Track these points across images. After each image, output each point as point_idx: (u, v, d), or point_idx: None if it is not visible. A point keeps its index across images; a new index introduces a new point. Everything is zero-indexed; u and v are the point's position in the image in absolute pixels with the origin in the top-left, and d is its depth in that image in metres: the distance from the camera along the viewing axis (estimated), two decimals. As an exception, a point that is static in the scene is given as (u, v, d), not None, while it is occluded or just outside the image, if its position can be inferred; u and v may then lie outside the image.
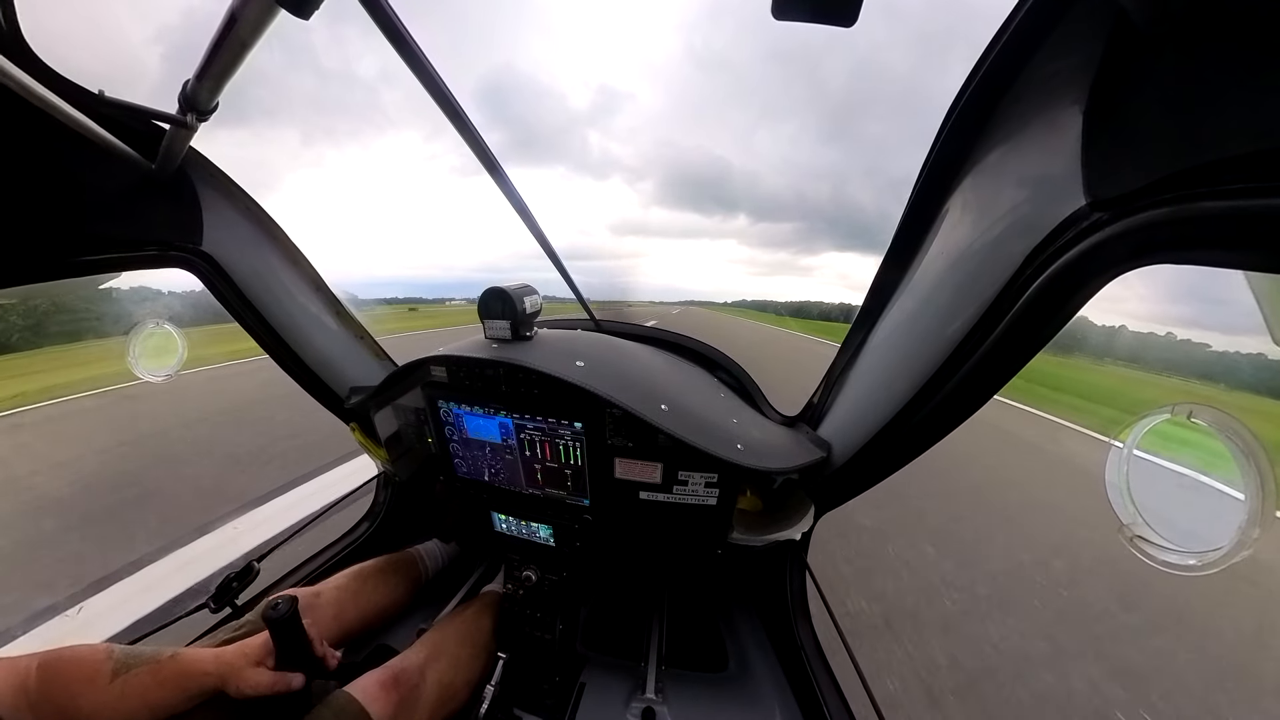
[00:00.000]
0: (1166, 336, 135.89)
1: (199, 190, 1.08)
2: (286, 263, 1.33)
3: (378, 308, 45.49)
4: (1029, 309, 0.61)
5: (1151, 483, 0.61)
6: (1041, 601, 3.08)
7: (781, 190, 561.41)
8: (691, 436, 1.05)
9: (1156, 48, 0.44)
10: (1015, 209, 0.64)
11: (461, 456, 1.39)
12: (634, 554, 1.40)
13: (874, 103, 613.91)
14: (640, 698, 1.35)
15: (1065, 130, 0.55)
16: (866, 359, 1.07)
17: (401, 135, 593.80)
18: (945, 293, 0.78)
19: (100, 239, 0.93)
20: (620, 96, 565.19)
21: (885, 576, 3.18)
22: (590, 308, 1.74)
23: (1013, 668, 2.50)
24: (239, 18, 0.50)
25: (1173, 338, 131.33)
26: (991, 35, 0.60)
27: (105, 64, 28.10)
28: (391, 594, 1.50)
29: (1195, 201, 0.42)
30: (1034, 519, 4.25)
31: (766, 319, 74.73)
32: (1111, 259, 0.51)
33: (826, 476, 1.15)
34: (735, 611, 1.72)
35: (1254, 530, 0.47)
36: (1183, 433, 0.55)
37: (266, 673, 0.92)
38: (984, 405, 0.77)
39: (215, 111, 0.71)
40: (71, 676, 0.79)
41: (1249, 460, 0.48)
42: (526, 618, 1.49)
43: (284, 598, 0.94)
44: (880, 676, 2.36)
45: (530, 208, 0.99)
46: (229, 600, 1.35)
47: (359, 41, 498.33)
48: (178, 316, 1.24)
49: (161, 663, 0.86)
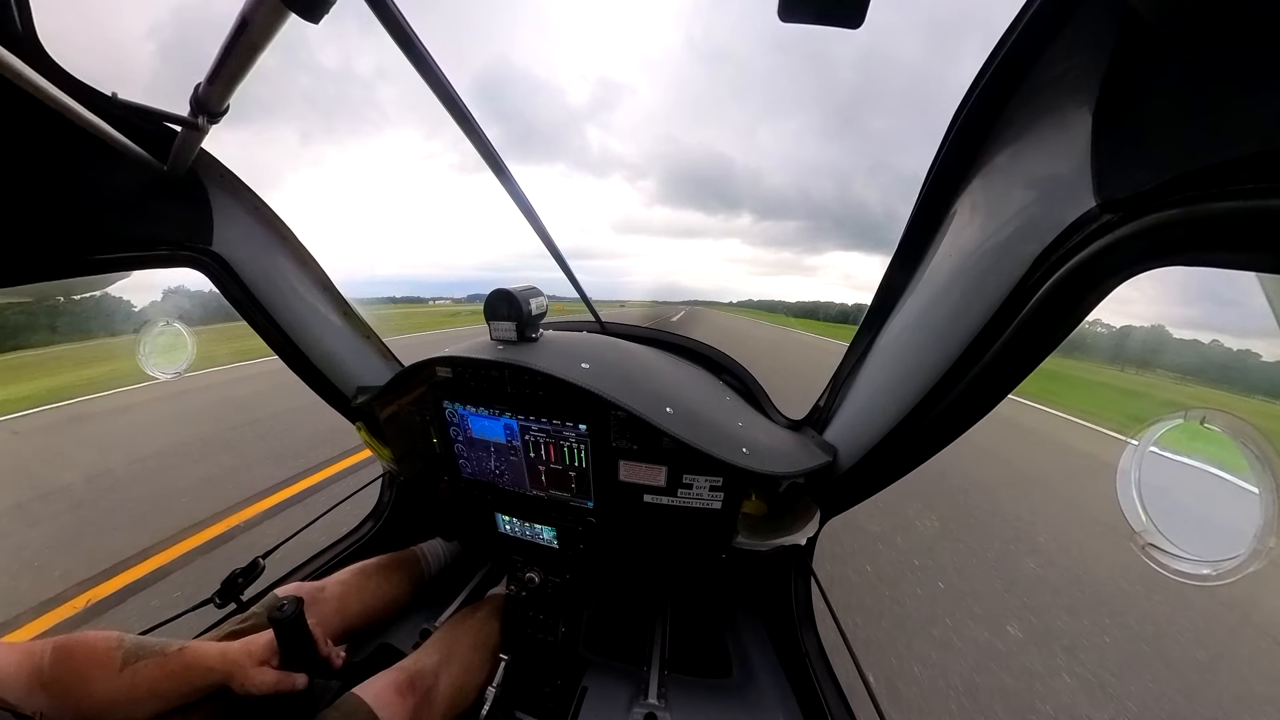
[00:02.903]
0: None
1: (209, 191, 1.09)
2: (295, 263, 1.35)
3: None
4: (1039, 311, 0.60)
5: (1164, 491, 0.59)
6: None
7: (785, 187, 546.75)
8: (696, 440, 1.05)
9: (1167, 46, 0.43)
10: (1024, 210, 0.63)
11: (466, 457, 1.39)
12: (637, 557, 1.40)
13: (881, 96, 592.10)
14: (642, 703, 1.34)
15: (1075, 130, 0.55)
16: (873, 362, 1.06)
17: (400, 133, 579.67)
18: (953, 295, 0.77)
19: (113, 238, 0.95)
20: (619, 91, 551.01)
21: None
22: (595, 309, 1.75)
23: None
24: (250, 22, 0.51)
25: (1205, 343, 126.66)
26: (1003, 26, 0.59)
27: (119, 67, 28.71)
28: (393, 591, 1.51)
29: (1207, 202, 0.41)
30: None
31: (775, 319, 73.95)
32: (1122, 261, 0.50)
33: (832, 481, 1.14)
34: (739, 617, 1.70)
35: (1270, 539, 0.45)
36: (1197, 439, 0.54)
37: (271, 672, 0.93)
38: (993, 409, 0.76)
39: (226, 114, 0.72)
40: (84, 662, 0.81)
41: (1265, 467, 0.47)
42: (529, 619, 1.49)
43: (289, 598, 0.95)
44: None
45: (534, 207, 1.00)
46: (234, 596, 1.36)
47: (356, 39, 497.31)
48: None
49: (169, 655, 0.88)
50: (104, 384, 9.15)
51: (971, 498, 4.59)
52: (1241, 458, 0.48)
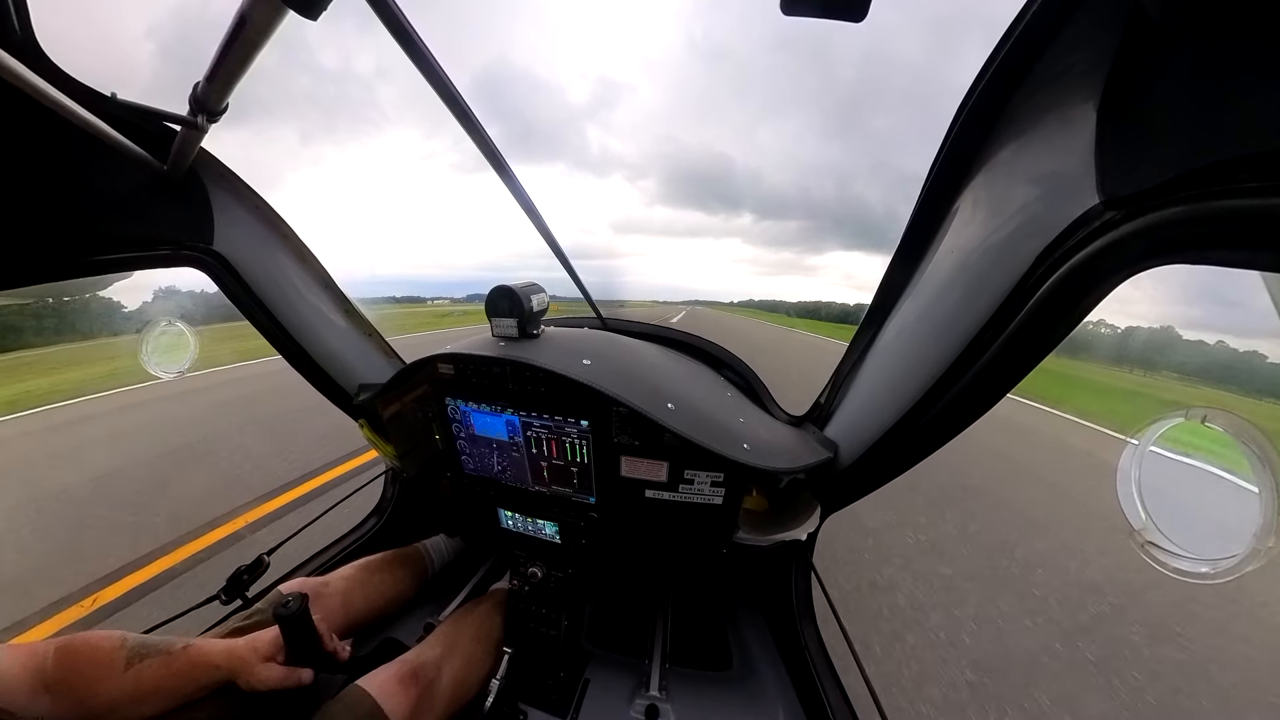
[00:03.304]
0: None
1: (209, 190, 1.09)
2: (296, 261, 1.34)
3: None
4: (1041, 308, 0.60)
5: (1164, 489, 0.59)
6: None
7: (786, 187, 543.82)
8: (698, 435, 1.05)
9: (1172, 42, 0.43)
10: (1027, 207, 0.63)
11: (469, 453, 1.40)
12: (639, 552, 1.40)
13: (882, 94, 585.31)
14: (644, 695, 1.35)
15: (1078, 127, 0.54)
16: (874, 358, 1.06)
17: (400, 132, 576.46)
18: (955, 291, 0.77)
19: (114, 238, 0.95)
20: (619, 90, 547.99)
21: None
22: (597, 306, 1.74)
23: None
24: (248, 19, 0.51)
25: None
26: (1006, 22, 0.59)
27: (117, 67, 28.52)
28: (397, 586, 1.52)
29: (1211, 200, 0.40)
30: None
31: (775, 319, 73.52)
32: (1125, 258, 0.50)
33: (833, 477, 1.14)
34: (740, 611, 1.71)
35: (1269, 539, 0.45)
36: (1197, 438, 0.54)
37: (276, 668, 0.93)
38: (994, 406, 0.76)
39: (225, 113, 0.72)
40: (88, 663, 0.81)
41: (1265, 467, 0.46)
42: (532, 614, 1.50)
43: (294, 595, 0.95)
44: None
45: (537, 206, 0.99)
46: (239, 592, 1.37)
47: (356, 37, 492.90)
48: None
49: (174, 654, 0.88)
50: (69, 392, 8.50)
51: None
52: (1242, 457, 0.48)
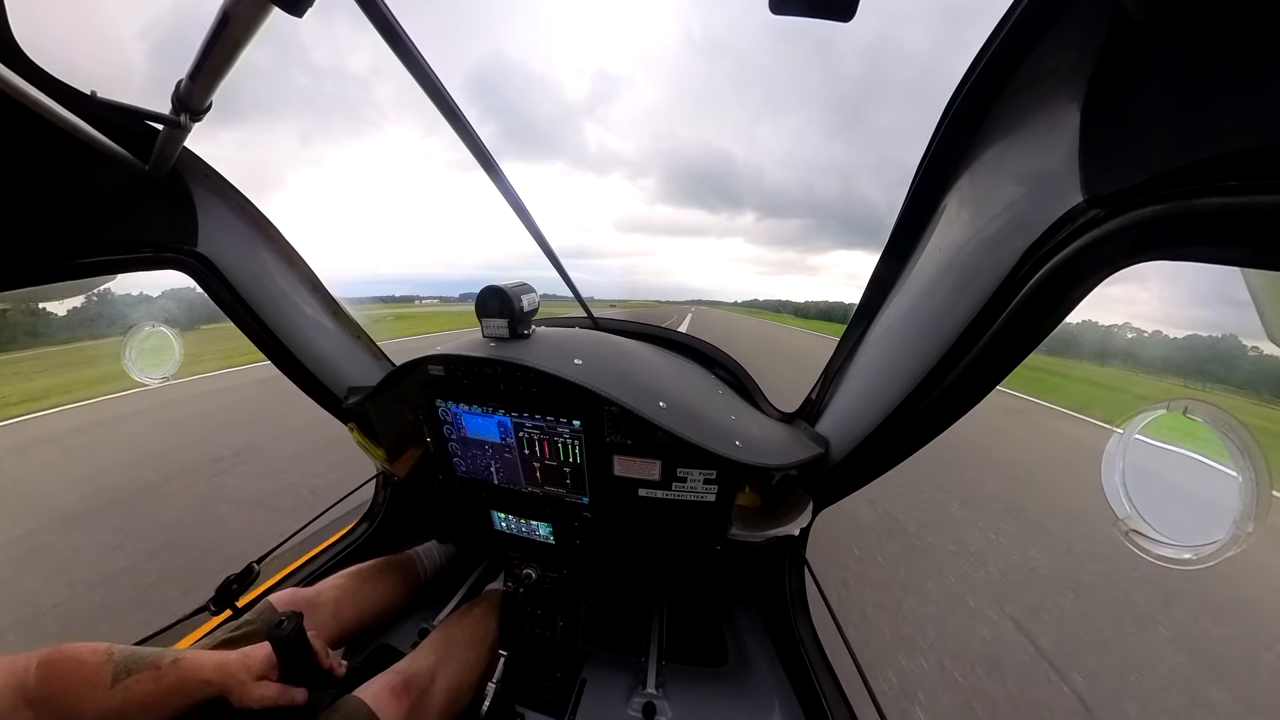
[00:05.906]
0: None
1: (193, 191, 1.07)
2: (282, 263, 1.32)
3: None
4: (1026, 304, 0.62)
5: (1146, 478, 0.61)
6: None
7: (788, 184, 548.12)
8: (690, 433, 1.05)
9: (1154, 44, 0.44)
10: (1012, 205, 0.64)
11: (460, 455, 1.39)
12: (633, 551, 1.41)
13: (884, 89, 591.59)
14: (641, 693, 1.35)
15: (1062, 126, 0.55)
16: (864, 355, 1.07)
17: (398, 131, 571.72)
18: (943, 288, 0.78)
19: (95, 241, 0.93)
20: (617, 85, 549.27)
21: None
22: (588, 306, 1.74)
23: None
24: (232, 16, 0.50)
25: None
26: (996, 20, 0.60)
27: (97, 64, 27.61)
28: (389, 595, 1.50)
29: (1192, 198, 0.42)
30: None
31: (781, 319, 73.58)
32: (1108, 255, 0.51)
33: (825, 472, 1.15)
34: (735, 607, 1.73)
35: (1248, 525, 0.47)
36: (1179, 428, 0.55)
37: (271, 686, 0.91)
38: (981, 400, 0.77)
39: (209, 111, 0.71)
40: (71, 678, 0.78)
41: (1244, 455, 0.48)
42: (527, 615, 1.50)
43: (288, 614, 0.93)
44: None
45: (527, 205, 0.99)
46: (229, 602, 1.35)
47: (350, 34, 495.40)
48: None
49: (163, 668, 0.86)
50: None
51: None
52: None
